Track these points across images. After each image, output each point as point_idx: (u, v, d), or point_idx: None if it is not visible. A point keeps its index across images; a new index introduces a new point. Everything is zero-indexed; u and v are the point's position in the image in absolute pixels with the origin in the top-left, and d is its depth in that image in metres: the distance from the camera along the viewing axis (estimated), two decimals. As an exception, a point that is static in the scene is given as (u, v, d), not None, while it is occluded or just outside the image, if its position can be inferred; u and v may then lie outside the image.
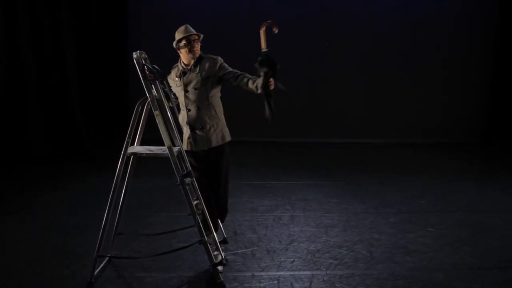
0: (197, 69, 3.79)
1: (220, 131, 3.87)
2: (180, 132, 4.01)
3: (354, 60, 9.26)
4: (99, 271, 3.70)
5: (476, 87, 9.47)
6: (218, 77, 3.80)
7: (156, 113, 3.54)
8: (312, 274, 3.77)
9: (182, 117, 3.92)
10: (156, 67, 3.63)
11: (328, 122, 9.31)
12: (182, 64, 3.87)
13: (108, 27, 8.76)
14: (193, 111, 3.82)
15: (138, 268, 3.83)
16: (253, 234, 4.58)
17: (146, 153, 3.65)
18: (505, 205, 5.57)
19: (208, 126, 3.82)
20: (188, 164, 3.71)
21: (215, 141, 3.84)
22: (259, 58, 3.50)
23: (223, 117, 3.95)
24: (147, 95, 3.55)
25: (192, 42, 3.77)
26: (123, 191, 3.82)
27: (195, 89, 3.79)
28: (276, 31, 3.59)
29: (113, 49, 8.81)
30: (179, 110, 4.01)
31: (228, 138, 3.94)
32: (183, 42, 3.78)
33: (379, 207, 5.38)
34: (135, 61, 3.54)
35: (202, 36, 3.87)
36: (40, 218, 4.93)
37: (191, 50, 3.76)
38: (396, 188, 6.19)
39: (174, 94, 3.99)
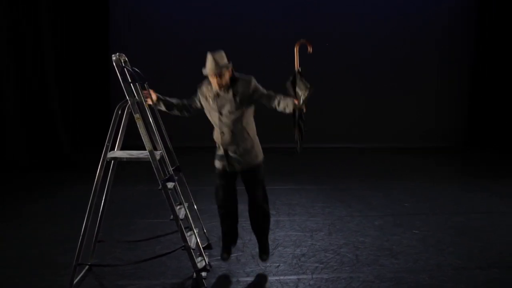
0: (231, 93, 3.57)
1: (254, 152, 3.73)
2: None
3: (342, 67, 9.33)
4: (79, 280, 3.58)
5: (460, 96, 9.69)
6: (252, 100, 3.64)
7: (137, 116, 3.47)
8: (298, 279, 3.72)
9: (216, 137, 3.76)
10: (136, 69, 3.58)
11: (315, 127, 9.32)
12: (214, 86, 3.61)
13: (88, 31, 8.66)
14: (227, 135, 3.66)
15: (120, 276, 3.73)
16: (238, 239, 4.49)
17: (127, 158, 3.58)
18: (486, 207, 5.62)
19: (241, 150, 3.66)
20: (170, 168, 3.64)
21: (249, 162, 3.70)
22: (291, 78, 3.49)
23: (256, 137, 3.79)
24: (127, 98, 3.48)
25: (217, 77, 3.52)
26: (104, 197, 3.73)
27: (230, 113, 3.61)
28: (311, 51, 3.55)
29: (94, 53, 8.70)
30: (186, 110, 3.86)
31: (261, 156, 3.78)
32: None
33: (364, 211, 5.37)
34: (114, 64, 3.48)
35: (230, 65, 3.56)
36: (18, 228, 4.77)
37: (217, 83, 3.54)
38: (381, 191, 6.20)
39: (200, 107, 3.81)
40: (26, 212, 5.27)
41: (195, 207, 4.08)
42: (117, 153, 3.64)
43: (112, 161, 3.66)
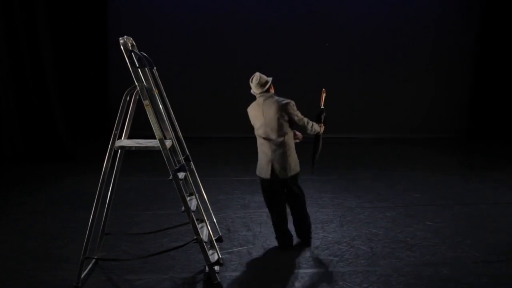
0: None
1: None
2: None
3: (344, 58, 9.19)
4: (86, 274, 3.43)
5: (461, 86, 9.58)
6: None
7: (146, 102, 3.29)
8: (314, 272, 3.59)
9: None
10: (144, 54, 3.39)
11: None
12: None
13: (86, 19, 8.38)
14: None
15: (128, 270, 3.58)
16: (247, 231, 4.37)
17: (136, 147, 3.40)
18: (495, 197, 5.49)
19: None
20: (181, 158, 3.47)
21: None
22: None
23: None
24: (136, 83, 3.29)
25: None
26: (110, 188, 3.56)
27: None
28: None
29: (92, 42, 8.43)
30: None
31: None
32: None
33: (374, 201, 5.24)
34: (122, 47, 3.28)
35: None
36: (15, 221, 4.59)
37: None
38: (388, 182, 6.06)
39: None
40: (25, 204, 5.09)
41: (205, 198, 3.92)
42: (124, 141, 3.47)
43: (119, 150, 3.49)
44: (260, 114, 3.85)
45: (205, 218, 3.64)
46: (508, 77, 9.19)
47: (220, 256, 3.53)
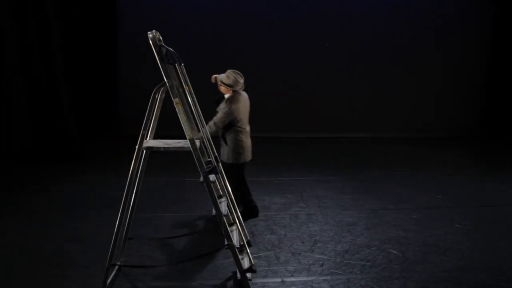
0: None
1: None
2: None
3: (354, 56, 9.06)
4: (110, 281, 3.24)
5: (473, 83, 9.48)
6: None
7: (176, 101, 3.11)
8: (348, 279, 3.44)
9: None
10: (171, 49, 3.21)
11: (325, 117, 9.05)
12: None
13: (96, 18, 8.14)
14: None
15: (152, 277, 3.41)
16: (271, 234, 4.20)
17: (164, 147, 3.23)
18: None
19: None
20: (213, 158, 3.30)
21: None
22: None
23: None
24: (165, 80, 3.11)
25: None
26: (135, 191, 3.37)
27: None
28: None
29: (102, 41, 8.20)
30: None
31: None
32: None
33: (396, 203, 5.10)
34: (150, 42, 3.10)
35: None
36: (28, 222, 4.40)
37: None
38: (405, 182, 5.91)
39: None
40: (33, 205, 4.89)
41: (234, 200, 3.74)
42: (151, 142, 3.29)
43: (144, 151, 3.30)
44: (247, 107, 4.44)
45: (237, 221, 3.47)
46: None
47: (252, 263, 3.36)
